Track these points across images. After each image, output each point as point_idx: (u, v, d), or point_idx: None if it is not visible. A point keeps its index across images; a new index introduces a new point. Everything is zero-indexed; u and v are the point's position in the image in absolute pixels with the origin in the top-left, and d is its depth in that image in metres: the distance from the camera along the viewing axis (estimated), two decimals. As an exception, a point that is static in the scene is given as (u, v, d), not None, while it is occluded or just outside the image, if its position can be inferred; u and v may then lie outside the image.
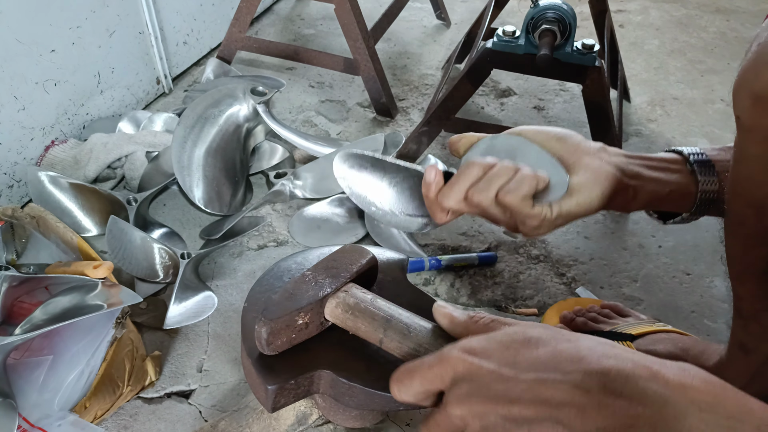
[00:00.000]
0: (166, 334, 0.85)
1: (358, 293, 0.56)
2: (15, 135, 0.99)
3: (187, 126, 1.00)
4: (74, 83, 1.08)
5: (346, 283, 0.57)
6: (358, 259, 0.59)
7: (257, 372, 0.55)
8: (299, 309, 0.54)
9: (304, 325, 0.55)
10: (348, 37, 1.22)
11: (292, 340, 0.55)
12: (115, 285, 0.71)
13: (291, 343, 0.55)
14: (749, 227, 0.54)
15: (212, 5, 1.39)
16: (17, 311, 0.75)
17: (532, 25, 0.97)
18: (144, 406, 0.77)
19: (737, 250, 0.58)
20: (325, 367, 0.55)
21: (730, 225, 0.57)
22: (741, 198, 0.54)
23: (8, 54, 0.94)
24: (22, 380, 0.68)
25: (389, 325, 0.53)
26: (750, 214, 0.54)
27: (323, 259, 0.59)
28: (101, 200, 0.97)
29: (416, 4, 1.69)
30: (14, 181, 1.01)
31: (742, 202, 0.54)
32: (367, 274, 0.61)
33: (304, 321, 0.55)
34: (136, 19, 1.18)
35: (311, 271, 0.58)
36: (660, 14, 1.73)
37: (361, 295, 0.56)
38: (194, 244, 0.99)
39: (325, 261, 0.59)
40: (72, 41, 1.05)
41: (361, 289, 0.57)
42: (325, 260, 0.59)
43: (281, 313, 0.53)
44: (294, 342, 0.56)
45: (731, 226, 0.57)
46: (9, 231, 0.86)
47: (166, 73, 1.29)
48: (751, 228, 0.54)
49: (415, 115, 1.30)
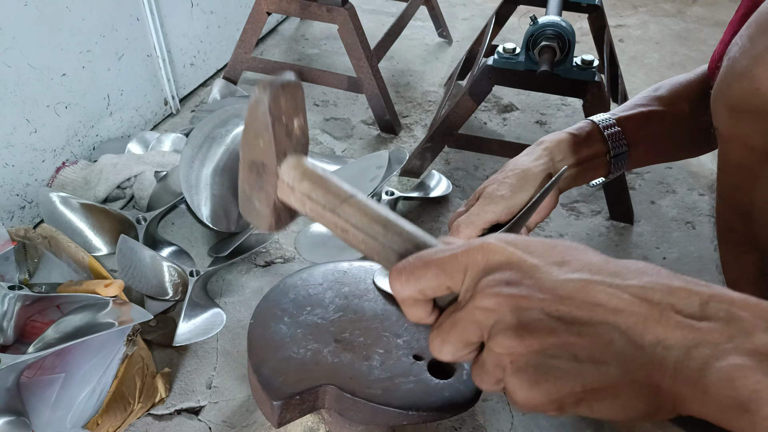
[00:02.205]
0: (175, 351, 0.86)
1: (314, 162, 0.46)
2: (27, 157, 1.01)
3: (195, 146, 1.02)
4: (84, 106, 1.10)
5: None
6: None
7: (263, 388, 0.56)
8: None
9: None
10: (351, 56, 1.24)
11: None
12: (126, 303, 0.73)
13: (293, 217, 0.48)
14: (738, 233, 0.56)
15: (218, 27, 1.42)
16: (30, 330, 0.76)
17: (532, 41, 0.99)
18: (154, 423, 0.78)
19: (729, 257, 0.59)
20: (329, 381, 0.56)
21: (720, 232, 0.59)
22: (727, 205, 0.56)
23: (21, 78, 0.96)
24: (35, 398, 0.69)
25: (348, 202, 0.42)
26: (737, 221, 0.56)
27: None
28: (111, 220, 0.99)
29: (418, 23, 1.71)
30: (26, 202, 1.03)
31: (729, 210, 0.56)
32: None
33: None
34: (144, 42, 1.21)
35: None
36: (659, 28, 1.75)
37: (318, 164, 0.46)
38: (203, 262, 1.00)
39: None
40: (82, 65, 1.08)
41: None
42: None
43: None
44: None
45: (721, 233, 0.59)
46: (21, 251, 0.87)
47: (173, 95, 1.31)
48: (740, 234, 0.56)
49: (418, 132, 1.32)
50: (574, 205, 1.15)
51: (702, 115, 0.69)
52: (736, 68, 0.48)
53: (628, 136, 0.66)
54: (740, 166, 0.52)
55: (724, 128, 0.52)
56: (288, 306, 0.65)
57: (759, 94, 0.47)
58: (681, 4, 1.88)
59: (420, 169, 1.17)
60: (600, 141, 0.66)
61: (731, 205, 0.55)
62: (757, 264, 0.56)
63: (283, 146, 0.44)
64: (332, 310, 0.62)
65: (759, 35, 0.47)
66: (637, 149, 0.67)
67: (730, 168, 0.54)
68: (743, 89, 0.48)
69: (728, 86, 0.49)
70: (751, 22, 0.48)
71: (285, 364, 0.57)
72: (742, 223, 0.55)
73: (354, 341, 0.59)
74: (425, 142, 1.14)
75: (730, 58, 0.49)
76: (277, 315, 0.64)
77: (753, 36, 0.47)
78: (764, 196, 0.52)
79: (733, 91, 0.49)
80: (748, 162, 0.51)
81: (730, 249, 0.58)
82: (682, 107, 0.69)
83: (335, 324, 0.60)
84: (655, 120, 0.68)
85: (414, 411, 0.55)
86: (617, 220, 1.11)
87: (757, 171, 0.51)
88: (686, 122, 0.69)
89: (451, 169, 1.22)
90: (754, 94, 0.47)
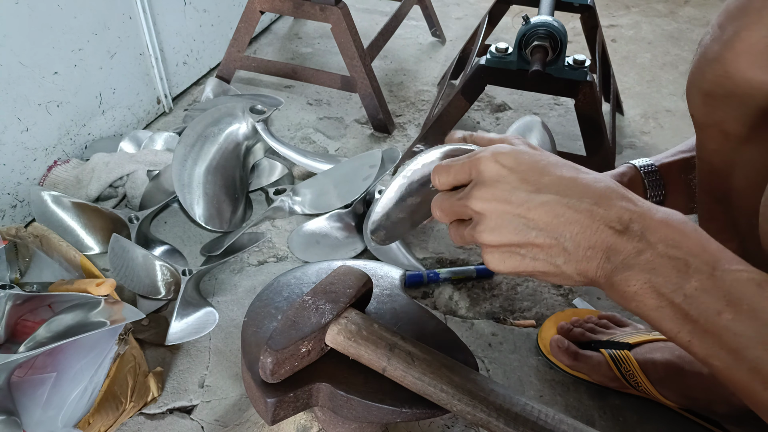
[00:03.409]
0: (168, 350, 0.86)
1: (359, 319, 0.57)
2: (18, 156, 1.01)
3: (188, 144, 1.01)
4: (76, 104, 1.10)
5: (345, 308, 0.58)
6: (355, 283, 0.60)
7: (257, 386, 0.56)
8: (303, 338, 0.54)
9: (307, 353, 0.56)
10: (345, 55, 1.24)
11: (294, 368, 0.56)
12: (118, 302, 0.72)
13: (293, 371, 0.56)
14: (719, 222, 0.57)
15: (211, 26, 1.42)
16: (21, 329, 0.76)
17: (524, 41, 0.99)
18: (146, 422, 0.78)
19: None
20: (323, 380, 0.56)
21: (702, 223, 0.60)
22: (708, 194, 0.57)
23: (12, 77, 0.96)
24: (26, 398, 0.69)
25: (392, 354, 0.53)
26: (718, 209, 0.56)
27: (321, 283, 0.60)
28: (103, 219, 0.98)
29: (412, 22, 1.72)
30: (17, 201, 1.03)
31: (710, 198, 0.57)
32: (364, 296, 0.62)
33: (307, 349, 0.55)
34: (136, 40, 1.20)
35: (310, 296, 0.58)
36: (652, 28, 1.76)
37: (362, 321, 0.56)
38: (195, 261, 1.00)
39: (323, 285, 0.59)
40: (74, 63, 1.07)
41: (361, 315, 0.58)
42: (322, 284, 0.60)
43: (286, 343, 0.54)
44: (296, 369, 0.56)
45: (704, 223, 0.59)
46: (13, 250, 0.87)
47: (166, 93, 1.31)
48: (721, 222, 0.57)
49: (411, 131, 1.32)
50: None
51: None
52: (708, 54, 0.50)
53: (667, 182, 0.68)
54: (717, 153, 0.53)
55: (699, 115, 0.53)
56: (282, 304, 0.65)
57: (730, 77, 0.48)
58: (673, 5, 1.89)
59: (413, 168, 1.17)
60: (640, 186, 0.68)
61: (711, 193, 0.56)
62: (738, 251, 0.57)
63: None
64: None
65: (728, 21, 0.48)
66: (676, 196, 0.68)
67: (708, 155, 0.55)
68: (715, 74, 0.49)
69: (701, 72, 0.51)
70: (722, 11, 0.50)
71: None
72: (722, 211, 0.56)
73: None
74: (418, 141, 1.15)
75: (703, 45, 0.51)
76: (270, 313, 0.64)
77: (723, 23, 0.49)
78: (741, 182, 0.53)
79: (706, 76, 0.50)
80: (725, 148, 0.53)
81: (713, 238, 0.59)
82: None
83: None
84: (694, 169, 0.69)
85: (407, 408, 0.55)
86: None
87: (733, 157, 0.52)
88: None
89: (444, 168, 1.22)
90: (726, 78, 0.48)
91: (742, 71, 0.47)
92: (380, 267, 0.71)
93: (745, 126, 0.50)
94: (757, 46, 0.46)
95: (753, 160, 0.51)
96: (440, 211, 0.50)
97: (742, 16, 0.47)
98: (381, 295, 0.66)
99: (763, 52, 0.46)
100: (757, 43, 0.46)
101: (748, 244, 0.56)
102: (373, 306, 0.65)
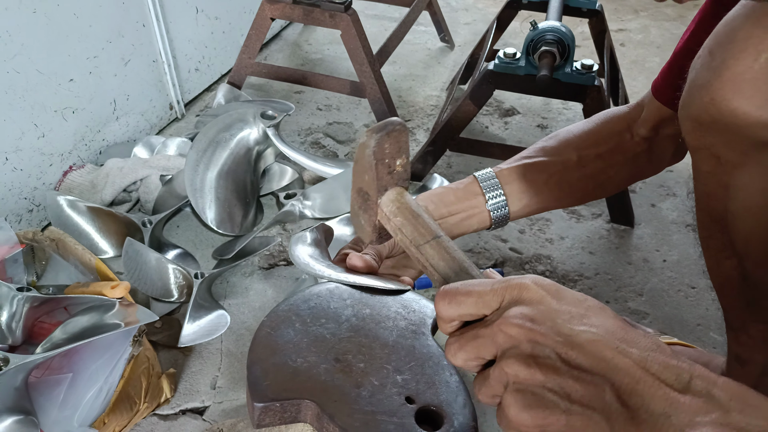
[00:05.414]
0: (180, 352, 0.87)
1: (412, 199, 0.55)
2: (35, 161, 1.03)
3: (200, 150, 1.03)
4: (91, 111, 1.12)
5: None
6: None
7: (249, 386, 0.55)
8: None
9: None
10: (354, 61, 1.25)
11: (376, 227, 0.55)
12: (132, 304, 0.74)
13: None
14: (718, 240, 0.57)
15: (223, 33, 1.44)
16: (38, 331, 0.78)
17: (532, 46, 1.00)
18: (159, 422, 0.79)
19: (712, 263, 0.61)
20: (312, 397, 0.53)
21: (702, 239, 0.60)
22: (705, 213, 0.57)
23: (29, 84, 0.98)
24: (42, 398, 0.70)
25: (440, 240, 0.50)
26: (715, 228, 0.57)
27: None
28: (117, 223, 1.00)
29: (420, 28, 1.73)
30: (34, 205, 1.05)
31: (707, 217, 0.57)
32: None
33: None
34: (150, 48, 1.22)
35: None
36: (660, 32, 1.76)
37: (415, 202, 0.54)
38: (207, 264, 1.01)
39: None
40: (89, 70, 1.09)
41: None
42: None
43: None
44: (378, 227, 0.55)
45: (703, 240, 0.60)
46: (29, 254, 0.89)
47: (178, 99, 1.33)
48: (720, 241, 0.57)
49: (420, 136, 1.33)
50: (574, 207, 1.15)
51: (591, 162, 0.71)
52: (697, 80, 0.50)
53: (505, 186, 0.68)
54: (711, 175, 0.54)
55: (690, 139, 0.53)
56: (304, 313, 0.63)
57: (716, 105, 0.48)
58: (682, 9, 1.89)
59: (422, 172, 1.18)
60: (479, 193, 0.68)
61: (708, 212, 0.57)
62: (737, 269, 0.58)
63: (384, 183, 0.52)
64: (345, 329, 0.59)
65: (718, 48, 0.48)
66: (518, 198, 0.69)
67: (702, 177, 0.55)
68: (703, 101, 0.49)
69: (691, 98, 0.51)
70: (712, 34, 0.49)
71: (277, 369, 0.55)
72: (719, 230, 0.56)
73: (353, 365, 0.56)
74: (427, 145, 1.16)
75: (695, 70, 0.51)
76: (290, 319, 0.62)
77: (713, 49, 0.49)
78: (737, 204, 0.53)
79: (695, 102, 0.50)
80: (718, 171, 0.53)
81: (713, 255, 0.60)
82: (569, 156, 0.71)
83: (342, 342, 0.58)
84: (537, 170, 0.70)
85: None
86: (617, 222, 1.12)
87: (727, 180, 0.53)
88: (573, 170, 0.71)
89: (453, 172, 1.23)
90: (712, 106, 0.48)
91: (727, 100, 0.47)
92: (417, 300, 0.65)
93: (735, 152, 0.50)
94: (743, 75, 0.46)
95: (746, 184, 0.52)
96: (463, 352, 0.40)
97: (729, 43, 0.47)
98: (406, 329, 0.62)
99: (748, 81, 0.46)
100: (743, 73, 0.46)
101: (746, 263, 0.57)
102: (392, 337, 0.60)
